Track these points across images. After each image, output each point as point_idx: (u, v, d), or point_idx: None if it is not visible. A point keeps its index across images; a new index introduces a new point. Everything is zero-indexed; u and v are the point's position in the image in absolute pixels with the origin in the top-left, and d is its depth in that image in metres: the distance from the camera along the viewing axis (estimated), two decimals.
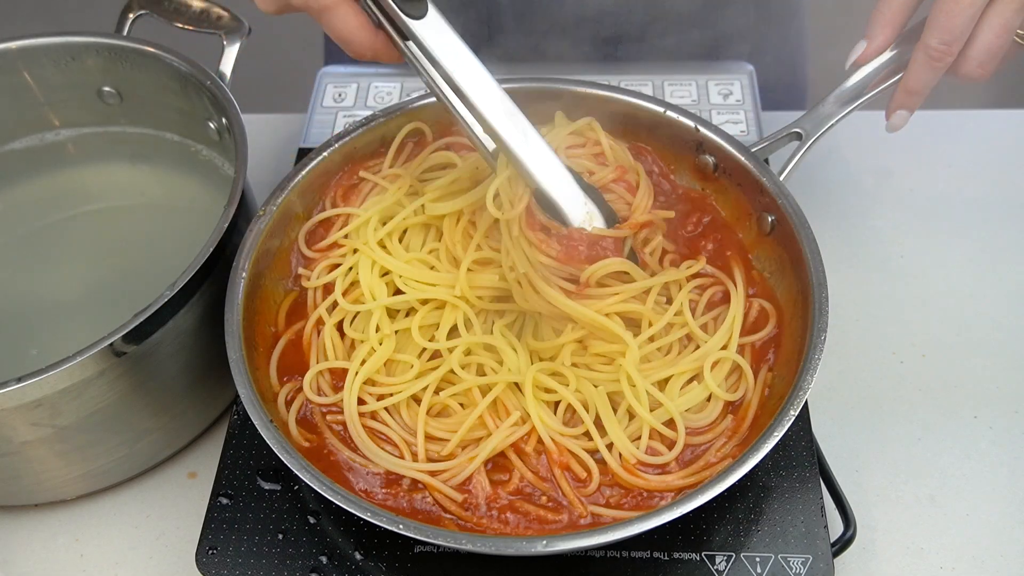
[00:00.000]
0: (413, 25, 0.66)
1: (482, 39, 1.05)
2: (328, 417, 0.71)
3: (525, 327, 0.75)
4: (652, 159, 0.83)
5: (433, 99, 0.84)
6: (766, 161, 0.81)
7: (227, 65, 0.86)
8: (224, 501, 0.70)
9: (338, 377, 0.73)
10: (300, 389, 0.72)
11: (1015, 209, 0.95)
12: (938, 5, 0.69)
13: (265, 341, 0.75)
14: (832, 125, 0.78)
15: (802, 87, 1.22)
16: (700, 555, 0.67)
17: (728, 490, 0.60)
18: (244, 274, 0.73)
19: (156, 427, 0.76)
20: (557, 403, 0.71)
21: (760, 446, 0.62)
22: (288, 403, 0.72)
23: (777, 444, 0.69)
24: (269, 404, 0.70)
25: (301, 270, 0.79)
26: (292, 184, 0.79)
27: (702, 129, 0.81)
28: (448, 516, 0.67)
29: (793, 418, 0.63)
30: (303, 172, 0.79)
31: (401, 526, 0.60)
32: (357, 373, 0.72)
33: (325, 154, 0.81)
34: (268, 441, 0.64)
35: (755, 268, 0.78)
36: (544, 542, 0.59)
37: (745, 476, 0.61)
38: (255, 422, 0.65)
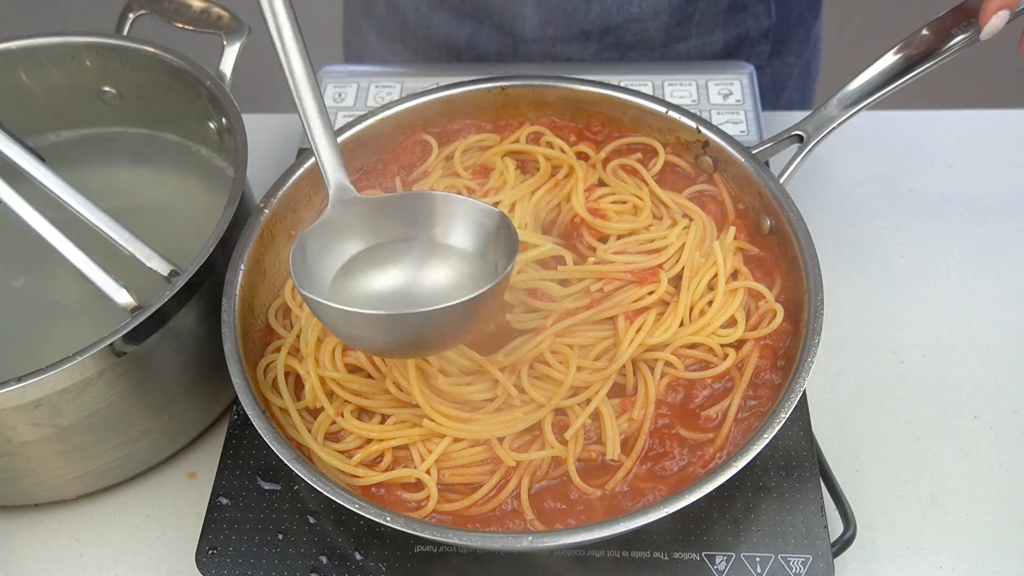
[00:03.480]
0: None
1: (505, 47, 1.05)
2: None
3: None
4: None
5: (433, 97, 0.84)
6: (766, 163, 0.81)
7: (227, 65, 0.86)
8: (224, 501, 0.70)
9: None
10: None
11: (1015, 209, 0.95)
12: None
13: (263, 334, 0.75)
14: (834, 128, 0.78)
15: (812, 88, 1.22)
16: (700, 555, 0.67)
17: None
18: (243, 265, 0.73)
19: (156, 427, 0.76)
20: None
21: (749, 448, 0.62)
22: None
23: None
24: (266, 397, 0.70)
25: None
26: (293, 178, 0.79)
27: (703, 130, 0.81)
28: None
29: (784, 420, 0.63)
30: (305, 166, 0.80)
31: (388, 517, 0.60)
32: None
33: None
34: (261, 432, 0.64)
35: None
36: (529, 538, 0.59)
37: (743, 476, 0.60)
38: (248, 412, 0.65)
